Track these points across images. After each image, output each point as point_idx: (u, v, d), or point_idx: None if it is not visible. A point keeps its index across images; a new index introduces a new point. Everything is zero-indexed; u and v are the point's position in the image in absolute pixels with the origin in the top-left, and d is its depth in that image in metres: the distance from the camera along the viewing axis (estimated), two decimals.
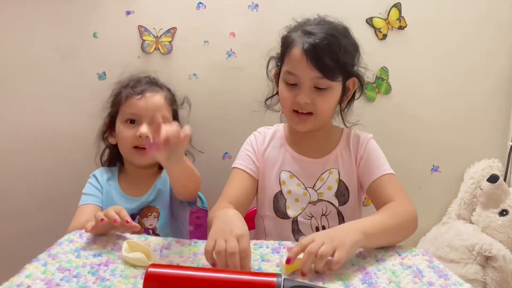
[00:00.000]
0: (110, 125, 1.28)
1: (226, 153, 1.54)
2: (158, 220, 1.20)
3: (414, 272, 0.81)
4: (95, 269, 0.79)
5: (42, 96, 1.47)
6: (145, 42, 1.46)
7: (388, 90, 1.53)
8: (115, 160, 1.31)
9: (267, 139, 1.19)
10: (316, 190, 1.12)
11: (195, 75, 1.50)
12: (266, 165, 1.15)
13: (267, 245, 0.91)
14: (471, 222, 1.51)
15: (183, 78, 1.48)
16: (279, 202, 1.13)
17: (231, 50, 1.49)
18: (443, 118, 1.55)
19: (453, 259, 1.38)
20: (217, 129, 1.52)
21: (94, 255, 0.84)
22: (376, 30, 1.49)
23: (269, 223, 1.15)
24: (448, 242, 1.43)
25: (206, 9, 1.47)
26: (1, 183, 1.50)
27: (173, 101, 1.30)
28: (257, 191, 1.17)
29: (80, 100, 1.47)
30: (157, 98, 1.22)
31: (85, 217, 1.11)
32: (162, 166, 1.27)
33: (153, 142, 0.83)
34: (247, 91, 1.48)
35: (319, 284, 0.75)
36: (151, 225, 1.19)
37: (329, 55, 1.02)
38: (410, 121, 1.55)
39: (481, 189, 1.46)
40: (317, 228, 1.11)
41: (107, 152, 1.33)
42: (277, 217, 1.13)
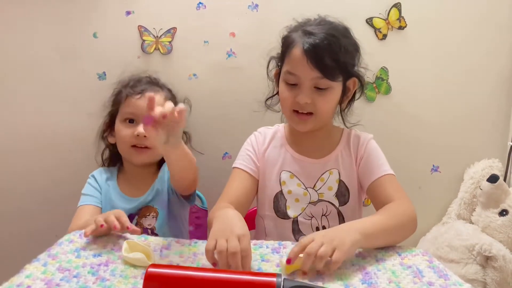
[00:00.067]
0: (110, 124, 1.28)
1: (226, 153, 1.54)
2: (156, 220, 1.20)
3: (414, 272, 0.81)
4: (95, 269, 0.79)
5: (42, 96, 1.47)
6: (145, 42, 1.46)
7: (388, 90, 1.53)
8: (115, 160, 1.31)
9: (267, 139, 1.19)
10: (316, 190, 1.12)
11: (195, 75, 1.50)
12: (267, 165, 1.15)
13: (267, 245, 0.91)
14: (471, 222, 1.51)
15: (183, 78, 1.48)
16: (279, 202, 1.13)
17: (231, 50, 1.49)
18: (443, 118, 1.55)
19: (453, 259, 1.38)
20: (217, 129, 1.52)
21: (94, 255, 0.84)
22: (376, 30, 1.49)
23: (269, 223, 1.15)
24: (448, 242, 1.43)
25: (206, 9, 1.47)
26: (1, 183, 1.51)
27: (173, 102, 1.29)
28: (257, 191, 1.17)
29: (80, 100, 1.47)
30: (157, 98, 1.22)
31: (84, 218, 1.11)
32: (160, 166, 1.27)
33: (148, 116, 0.83)
34: (247, 91, 1.48)
35: (319, 284, 0.76)
36: (149, 225, 1.19)
37: (329, 55, 1.02)
38: (410, 121, 1.55)
39: (481, 189, 1.46)
40: (317, 228, 1.11)
41: (107, 151, 1.33)
42: (277, 217, 1.13)
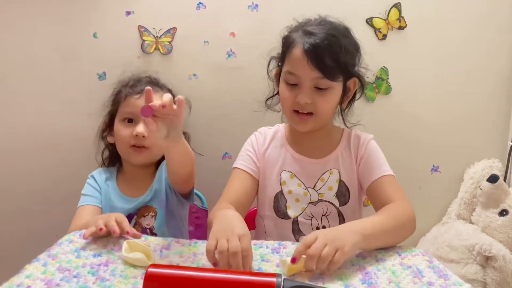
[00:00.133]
0: (109, 124, 1.28)
1: (226, 153, 1.54)
2: (155, 219, 1.20)
3: (414, 272, 0.81)
4: (95, 269, 0.79)
5: (42, 96, 1.47)
6: (145, 42, 1.46)
7: (388, 90, 1.53)
8: (114, 160, 1.31)
9: (267, 139, 1.19)
10: (316, 191, 1.12)
11: (195, 75, 1.50)
12: (267, 165, 1.15)
13: (267, 245, 0.91)
14: (471, 222, 1.51)
15: (183, 78, 1.48)
16: (279, 202, 1.13)
17: (231, 50, 1.49)
18: (443, 118, 1.55)
19: (453, 259, 1.38)
20: (217, 129, 1.52)
21: (94, 255, 0.84)
22: (376, 30, 1.49)
23: (269, 223, 1.15)
24: (448, 242, 1.42)
25: (206, 9, 1.47)
26: (1, 183, 1.51)
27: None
28: (257, 191, 1.17)
29: (80, 100, 1.47)
30: (156, 98, 1.22)
31: (85, 218, 1.11)
32: (158, 166, 1.26)
33: (147, 106, 0.83)
34: (247, 91, 1.48)
35: (319, 284, 0.76)
36: (148, 224, 1.19)
37: (329, 55, 1.02)
38: (410, 121, 1.55)
39: (481, 189, 1.46)
40: (318, 228, 1.10)
41: (107, 150, 1.33)
42: (277, 217, 1.13)
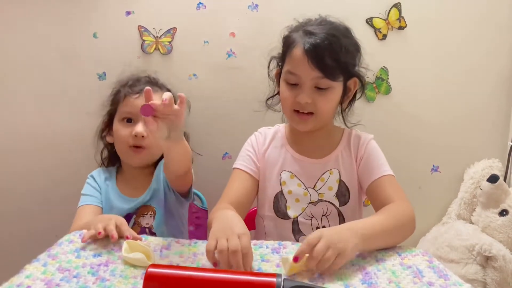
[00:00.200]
0: (108, 123, 1.28)
1: (226, 153, 1.54)
2: (154, 219, 1.20)
3: (414, 272, 0.81)
4: (95, 269, 0.79)
5: (42, 96, 1.47)
6: (145, 42, 1.46)
7: (388, 90, 1.53)
8: (113, 160, 1.31)
9: (267, 139, 1.19)
10: (316, 191, 1.12)
11: (195, 75, 1.50)
12: (267, 166, 1.15)
13: (267, 245, 0.91)
14: (471, 222, 1.51)
15: (183, 78, 1.48)
16: (279, 202, 1.13)
17: (231, 50, 1.49)
18: (443, 118, 1.55)
19: (453, 259, 1.38)
20: (217, 129, 1.52)
21: (94, 255, 0.84)
22: (376, 30, 1.49)
23: (269, 223, 1.15)
24: (448, 242, 1.42)
25: (206, 9, 1.47)
26: (1, 183, 1.51)
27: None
28: (257, 191, 1.16)
29: (80, 100, 1.47)
30: (155, 98, 1.21)
31: (86, 218, 1.11)
32: (156, 165, 1.26)
33: (146, 105, 0.83)
34: (247, 91, 1.48)
35: (319, 284, 0.76)
36: (147, 224, 1.19)
37: (330, 55, 1.02)
38: (410, 121, 1.55)
39: (481, 189, 1.46)
40: (317, 229, 1.10)
41: (106, 150, 1.33)
42: (277, 217, 1.13)
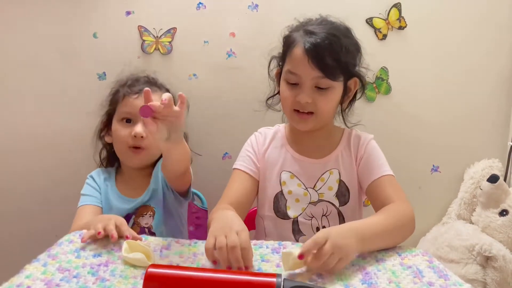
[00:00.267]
0: (107, 123, 1.27)
1: (226, 153, 1.54)
2: (153, 219, 1.19)
3: (414, 272, 0.81)
4: (95, 269, 0.79)
5: (42, 96, 1.47)
6: (145, 42, 1.46)
7: (388, 90, 1.53)
8: (112, 160, 1.31)
9: (267, 139, 1.19)
10: (316, 191, 1.12)
11: (195, 75, 1.50)
12: (267, 166, 1.15)
13: (267, 245, 0.91)
14: (471, 222, 1.51)
15: (183, 78, 1.48)
16: (279, 202, 1.13)
17: (231, 50, 1.49)
18: (443, 118, 1.55)
19: (453, 259, 1.38)
20: (217, 129, 1.52)
21: (94, 256, 0.84)
22: (376, 30, 1.49)
23: (269, 223, 1.15)
24: (448, 242, 1.42)
25: (206, 9, 1.47)
26: (1, 183, 1.50)
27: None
28: (257, 191, 1.16)
29: (80, 100, 1.47)
30: (154, 99, 1.21)
31: (85, 218, 1.11)
32: (155, 165, 1.26)
33: (145, 106, 0.82)
34: (247, 91, 1.48)
35: (319, 284, 0.76)
36: (146, 224, 1.19)
37: (330, 54, 1.02)
38: (410, 121, 1.55)
39: (481, 189, 1.46)
40: (318, 229, 1.10)
41: (105, 150, 1.33)
42: (277, 217, 1.13)
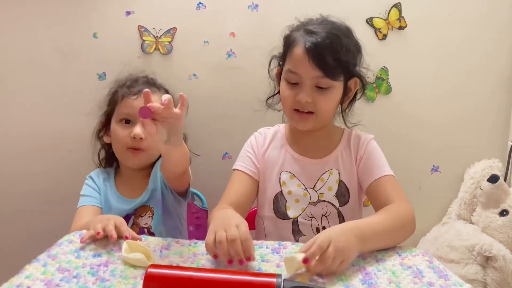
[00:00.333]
0: (105, 123, 1.27)
1: (226, 153, 1.54)
2: (152, 219, 1.19)
3: (414, 273, 0.81)
4: (94, 269, 0.79)
5: (42, 96, 1.47)
6: (145, 42, 1.46)
7: (388, 90, 1.53)
8: (111, 160, 1.31)
9: (267, 140, 1.18)
10: (316, 191, 1.12)
11: (195, 75, 1.50)
12: (267, 166, 1.15)
13: (267, 245, 0.91)
14: (471, 222, 1.51)
15: (183, 78, 1.48)
16: (279, 203, 1.13)
17: (231, 50, 1.49)
18: (443, 118, 1.55)
19: (453, 259, 1.38)
20: (217, 129, 1.52)
21: (94, 256, 0.84)
22: (376, 30, 1.49)
23: (269, 223, 1.14)
24: (448, 242, 1.42)
25: (206, 9, 1.47)
26: (1, 183, 1.50)
27: None
28: (257, 192, 1.16)
29: (80, 100, 1.47)
30: (154, 99, 1.21)
31: (85, 218, 1.11)
32: (153, 166, 1.26)
33: (144, 107, 0.82)
34: (247, 91, 1.48)
35: (319, 284, 0.76)
36: (146, 224, 1.19)
37: (331, 54, 1.02)
38: (410, 121, 1.55)
39: (481, 189, 1.46)
40: (317, 229, 1.10)
41: (103, 151, 1.32)
42: (277, 217, 1.13)
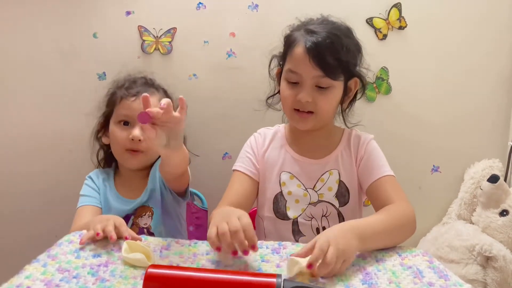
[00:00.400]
0: (104, 125, 1.27)
1: (226, 153, 1.54)
2: (152, 219, 1.19)
3: (414, 273, 0.81)
4: (94, 269, 0.79)
5: (42, 96, 1.47)
6: (145, 42, 1.46)
7: (388, 90, 1.53)
8: (110, 161, 1.31)
9: (267, 140, 1.18)
10: (316, 191, 1.12)
11: (195, 75, 1.50)
12: (267, 167, 1.15)
13: (267, 245, 0.91)
14: (471, 222, 1.51)
15: (183, 78, 1.48)
16: (279, 203, 1.13)
17: (231, 50, 1.49)
18: (443, 118, 1.55)
19: (453, 259, 1.38)
20: (217, 129, 1.52)
21: (94, 256, 0.84)
22: (376, 30, 1.49)
23: (268, 224, 1.14)
24: (448, 242, 1.42)
25: (206, 9, 1.47)
26: (1, 183, 1.50)
27: None
28: (257, 192, 1.16)
29: (80, 100, 1.46)
30: (152, 101, 1.20)
31: (85, 218, 1.11)
32: (152, 165, 1.26)
33: (143, 113, 0.81)
34: (247, 91, 1.48)
35: (319, 284, 0.75)
36: (145, 224, 1.19)
37: (331, 54, 1.02)
38: (410, 121, 1.55)
39: (481, 189, 1.46)
40: (317, 229, 1.11)
41: (102, 151, 1.32)
42: (276, 218, 1.13)
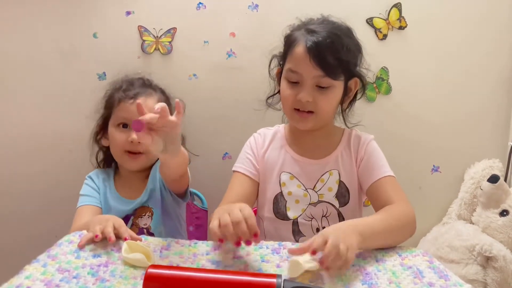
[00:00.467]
0: (103, 126, 1.27)
1: (226, 153, 1.54)
2: (151, 219, 1.19)
3: (414, 273, 0.81)
4: (94, 270, 0.79)
5: (42, 96, 1.47)
6: (145, 42, 1.46)
7: (388, 90, 1.53)
8: (109, 162, 1.31)
9: (267, 140, 1.18)
10: (316, 191, 1.12)
11: (195, 75, 1.50)
12: (266, 167, 1.15)
13: (267, 245, 0.91)
14: (471, 223, 1.51)
15: (183, 78, 1.48)
16: (279, 203, 1.13)
17: (231, 50, 1.49)
18: (443, 118, 1.55)
19: (454, 259, 1.38)
20: (217, 129, 1.52)
21: (94, 256, 0.84)
22: (376, 30, 1.49)
23: (268, 224, 1.14)
24: (448, 242, 1.42)
25: (206, 9, 1.47)
26: (1, 183, 1.50)
27: (167, 104, 1.28)
28: (258, 193, 1.16)
29: (80, 100, 1.46)
30: (150, 103, 1.19)
31: (85, 218, 1.11)
32: (151, 166, 1.25)
33: (137, 121, 0.81)
34: (247, 91, 1.48)
35: (319, 285, 0.75)
36: (145, 224, 1.19)
37: (331, 53, 1.02)
38: (410, 121, 1.55)
39: (481, 189, 1.46)
40: (318, 230, 1.10)
41: (101, 153, 1.32)
42: (277, 218, 1.13)
